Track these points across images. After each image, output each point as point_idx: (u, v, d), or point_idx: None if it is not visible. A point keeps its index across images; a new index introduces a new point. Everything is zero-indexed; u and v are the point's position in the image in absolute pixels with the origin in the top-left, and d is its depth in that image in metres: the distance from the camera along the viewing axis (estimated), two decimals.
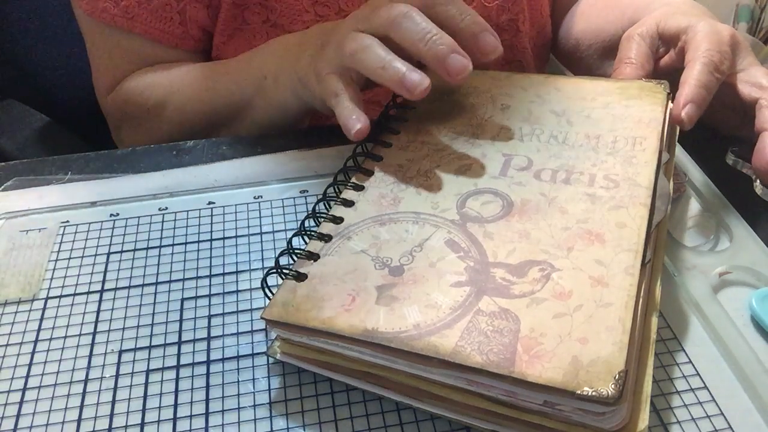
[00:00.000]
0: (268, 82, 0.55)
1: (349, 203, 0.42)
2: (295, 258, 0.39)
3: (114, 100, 0.64)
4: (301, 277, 0.37)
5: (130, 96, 0.62)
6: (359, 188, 0.43)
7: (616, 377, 0.30)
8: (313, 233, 0.40)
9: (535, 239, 0.38)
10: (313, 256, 0.39)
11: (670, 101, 0.48)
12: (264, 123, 0.58)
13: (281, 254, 0.39)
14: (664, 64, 0.53)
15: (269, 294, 0.37)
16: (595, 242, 0.37)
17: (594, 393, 0.30)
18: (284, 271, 0.38)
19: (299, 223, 0.41)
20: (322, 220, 0.41)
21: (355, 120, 0.45)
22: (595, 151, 0.43)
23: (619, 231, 0.38)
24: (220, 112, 0.59)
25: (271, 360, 0.39)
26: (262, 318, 0.36)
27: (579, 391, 0.30)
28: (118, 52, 0.62)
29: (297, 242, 0.40)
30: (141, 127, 0.63)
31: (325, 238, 0.40)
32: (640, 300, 0.35)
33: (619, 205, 0.39)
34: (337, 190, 0.43)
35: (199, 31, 0.62)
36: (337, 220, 0.41)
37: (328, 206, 0.42)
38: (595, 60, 0.69)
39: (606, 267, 0.36)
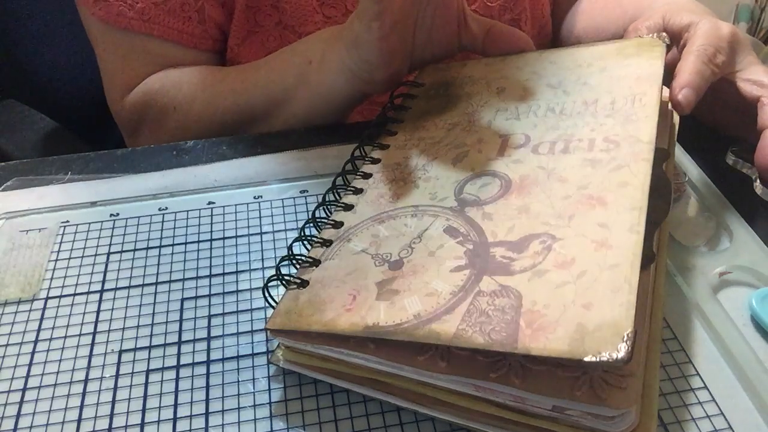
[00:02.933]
0: (312, 66, 0.54)
1: (348, 207, 0.42)
2: (297, 266, 0.39)
3: (131, 102, 0.62)
4: (303, 284, 0.37)
5: (153, 96, 0.60)
6: (358, 191, 0.43)
7: (625, 338, 0.29)
8: (313, 239, 0.40)
9: (535, 213, 0.37)
10: (315, 262, 0.38)
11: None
12: (305, 115, 0.56)
13: (281, 261, 0.38)
14: (668, 61, 0.53)
15: (272, 302, 0.37)
16: (596, 206, 0.36)
17: (605, 358, 0.28)
18: (285, 278, 0.38)
19: (299, 230, 0.41)
20: (322, 226, 0.41)
21: None
22: (594, 116, 0.42)
23: (622, 190, 0.36)
24: (256, 107, 0.57)
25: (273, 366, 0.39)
26: (266, 329, 0.36)
27: (586, 359, 0.28)
28: (133, 55, 0.61)
29: (297, 248, 0.40)
30: (163, 129, 0.61)
31: (326, 243, 0.39)
32: (647, 301, 0.34)
33: (621, 164, 0.38)
34: (336, 195, 0.43)
35: (216, 30, 0.62)
36: (338, 225, 0.41)
37: (328, 211, 0.42)
38: None
39: (609, 229, 0.34)
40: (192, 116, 0.59)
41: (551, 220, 0.36)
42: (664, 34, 0.48)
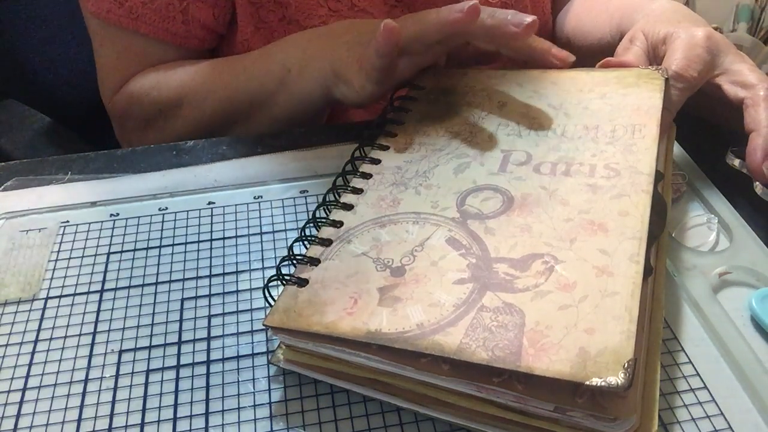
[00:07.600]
0: (291, 75, 0.55)
1: (348, 207, 0.42)
2: (296, 264, 0.39)
3: (119, 101, 0.64)
4: (302, 282, 0.37)
5: (136, 97, 0.62)
6: (358, 191, 0.43)
7: (625, 366, 0.30)
8: (313, 239, 0.40)
9: (537, 232, 0.38)
10: (314, 261, 0.38)
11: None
12: (284, 117, 0.58)
13: (282, 261, 0.38)
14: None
15: (272, 302, 0.37)
16: (597, 232, 0.37)
17: (603, 383, 0.29)
18: (285, 277, 0.38)
19: (299, 229, 0.41)
20: (322, 225, 0.41)
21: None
22: (595, 142, 0.43)
23: (622, 219, 0.37)
24: (240, 109, 0.59)
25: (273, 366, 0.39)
26: (264, 325, 0.36)
27: (588, 382, 0.30)
28: (124, 52, 0.62)
29: (298, 248, 0.40)
30: (150, 128, 0.63)
31: (326, 242, 0.40)
32: (647, 303, 0.34)
33: (621, 193, 0.39)
34: (336, 195, 0.43)
35: (201, 31, 0.62)
36: (337, 224, 0.41)
37: (327, 211, 0.42)
38: (583, 62, 0.69)
39: (610, 256, 0.35)
40: (180, 117, 0.61)
41: (553, 241, 0.37)
42: (664, 68, 0.48)
